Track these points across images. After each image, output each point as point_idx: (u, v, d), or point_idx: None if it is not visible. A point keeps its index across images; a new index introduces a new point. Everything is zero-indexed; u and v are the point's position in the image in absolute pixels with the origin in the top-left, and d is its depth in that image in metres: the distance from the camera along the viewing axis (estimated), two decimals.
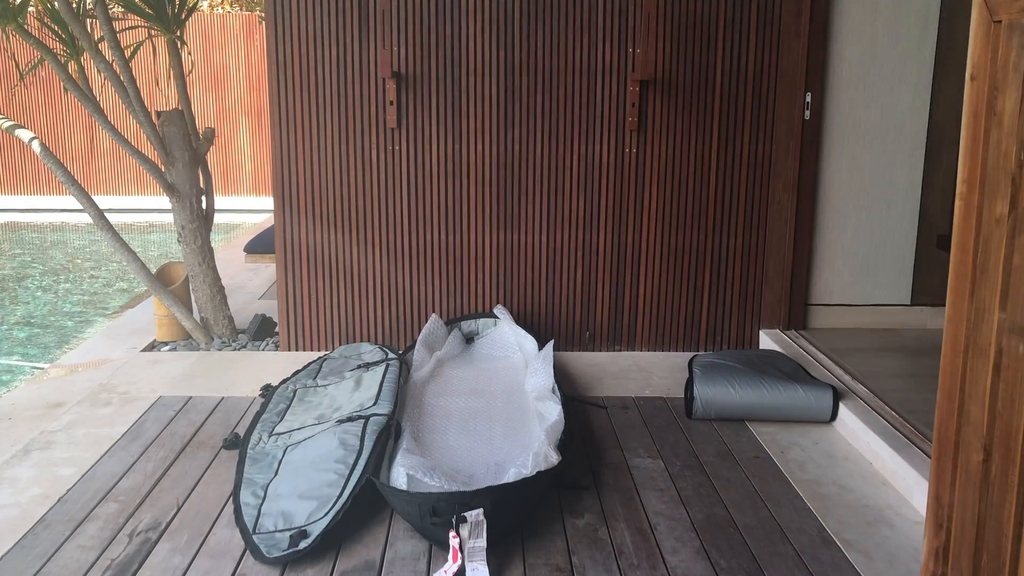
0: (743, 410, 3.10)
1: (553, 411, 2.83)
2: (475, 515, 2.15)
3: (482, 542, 2.13)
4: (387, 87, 3.73)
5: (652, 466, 2.78)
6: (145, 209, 10.42)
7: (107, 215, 4.02)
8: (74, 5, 3.93)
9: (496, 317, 3.84)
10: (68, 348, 4.93)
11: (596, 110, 3.79)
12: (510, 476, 2.41)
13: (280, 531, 2.25)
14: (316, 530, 2.23)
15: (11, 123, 3.95)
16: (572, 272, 3.93)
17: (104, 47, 3.90)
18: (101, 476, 2.67)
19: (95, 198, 4.06)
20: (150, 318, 4.37)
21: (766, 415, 3.11)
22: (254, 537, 2.24)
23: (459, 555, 2.11)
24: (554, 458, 2.42)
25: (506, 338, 3.69)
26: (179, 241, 4.10)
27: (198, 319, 4.17)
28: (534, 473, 2.36)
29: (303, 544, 2.19)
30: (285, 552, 2.17)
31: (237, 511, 2.38)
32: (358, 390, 3.06)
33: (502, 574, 2.15)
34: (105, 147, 10.89)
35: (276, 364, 3.77)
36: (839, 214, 3.92)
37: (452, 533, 2.13)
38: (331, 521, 2.26)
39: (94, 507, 2.47)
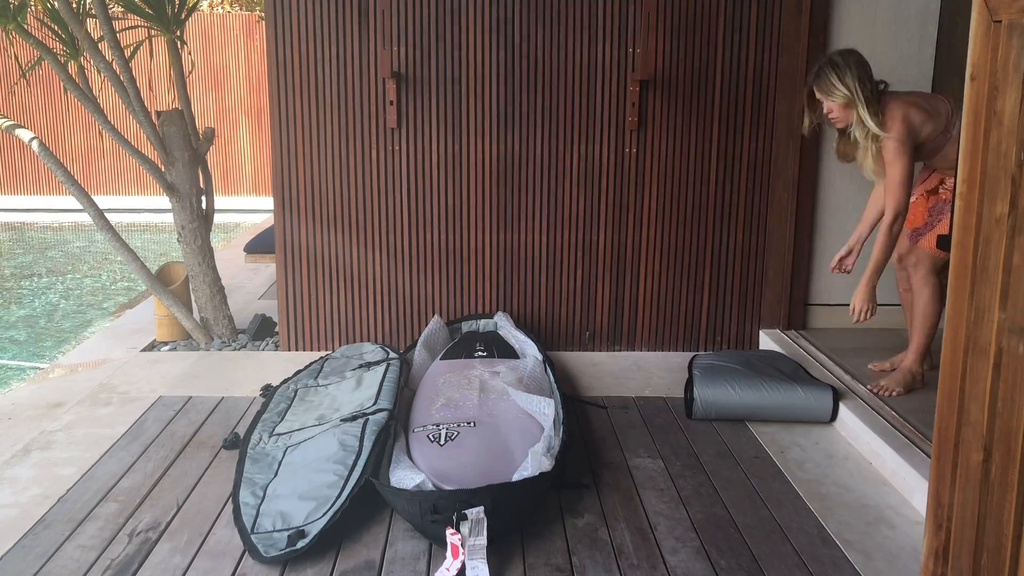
0: (743, 411, 3.10)
1: (549, 411, 2.82)
2: (475, 513, 2.15)
3: (482, 540, 2.14)
4: (387, 87, 3.72)
5: (652, 466, 2.78)
6: (145, 209, 10.42)
7: (107, 215, 4.02)
8: (74, 5, 3.93)
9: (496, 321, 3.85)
10: (68, 348, 4.93)
11: (596, 110, 3.79)
12: (514, 477, 2.41)
13: (278, 531, 2.26)
14: (314, 530, 2.23)
15: (11, 123, 3.95)
16: (572, 272, 3.93)
17: (104, 47, 3.90)
18: (101, 476, 2.67)
19: (95, 198, 4.06)
20: (150, 318, 4.37)
21: (766, 415, 3.11)
22: (252, 537, 2.25)
23: (459, 551, 2.11)
24: (547, 464, 2.42)
25: (507, 341, 3.69)
26: (179, 241, 4.10)
27: (198, 319, 4.17)
28: (536, 474, 2.36)
29: (300, 544, 2.19)
30: (282, 552, 2.17)
31: (236, 511, 2.38)
32: (358, 389, 3.06)
33: (502, 574, 2.15)
34: (105, 147, 10.89)
35: (276, 364, 3.77)
36: (839, 214, 3.92)
37: (451, 530, 2.13)
38: (329, 521, 2.26)
39: (94, 507, 2.47)
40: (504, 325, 3.78)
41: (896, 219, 2.88)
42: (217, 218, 4.30)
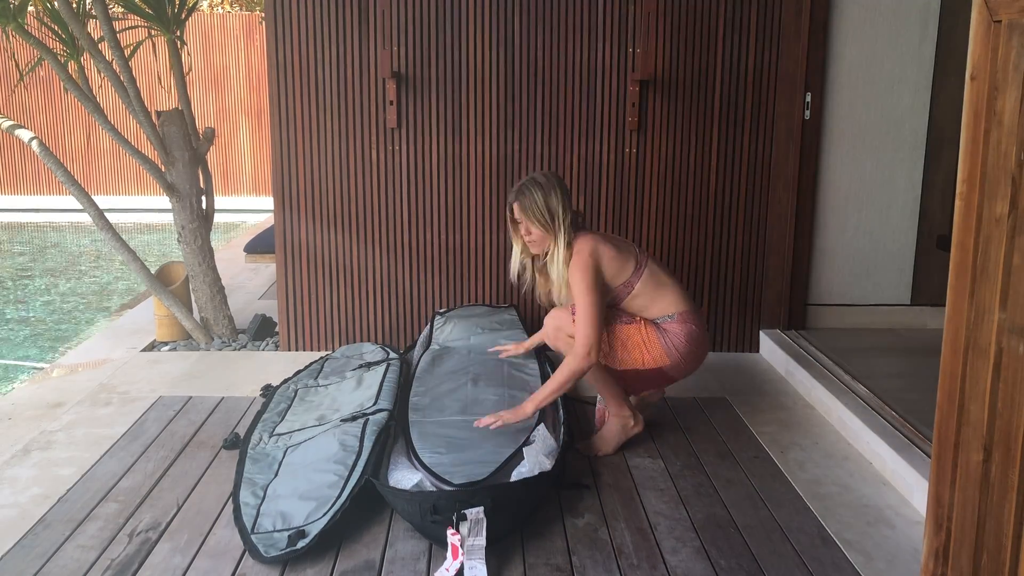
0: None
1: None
2: (475, 513, 2.15)
3: (481, 540, 2.13)
4: (387, 87, 3.72)
5: (652, 466, 2.78)
6: (145, 209, 10.41)
7: (107, 215, 4.02)
8: (74, 5, 3.93)
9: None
10: (68, 348, 4.93)
11: (596, 110, 3.79)
12: (512, 476, 2.42)
13: (279, 531, 2.25)
14: (314, 530, 2.23)
15: (11, 123, 3.95)
16: None
17: (104, 47, 3.90)
18: (101, 476, 2.67)
19: (95, 198, 4.06)
20: (150, 318, 4.37)
21: None
22: (252, 537, 2.24)
23: (459, 552, 2.11)
24: (546, 464, 2.42)
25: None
26: (179, 241, 4.10)
27: (198, 319, 4.17)
28: (536, 474, 2.36)
29: (301, 544, 2.19)
30: (283, 552, 2.17)
31: (236, 511, 2.38)
32: (359, 389, 3.06)
33: (502, 574, 2.15)
34: (105, 147, 10.88)
35: (276, 364, 3.76)
36: (839, 214, 3.92)
37: (451, 530, 2.13)
38: (329, 521, 2.26)
39: (94, 507, 2.47)
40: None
41: (586, 355, 2.58)
42: (217, 218, 4.30)
